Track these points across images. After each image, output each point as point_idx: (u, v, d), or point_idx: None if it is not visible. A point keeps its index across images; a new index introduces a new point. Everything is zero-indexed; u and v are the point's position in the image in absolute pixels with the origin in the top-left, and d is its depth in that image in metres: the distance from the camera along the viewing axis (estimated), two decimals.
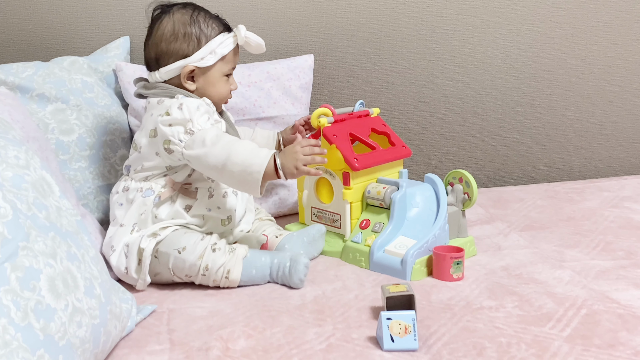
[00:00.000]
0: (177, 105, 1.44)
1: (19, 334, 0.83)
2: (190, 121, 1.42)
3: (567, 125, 2.29)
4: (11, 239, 0.89)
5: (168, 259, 1.40)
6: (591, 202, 1.96)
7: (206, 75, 1.52)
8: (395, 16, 2.09)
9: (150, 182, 1.48)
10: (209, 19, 1.52)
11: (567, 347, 1.12)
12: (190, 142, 1.41)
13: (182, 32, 1.49)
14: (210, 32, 1.51)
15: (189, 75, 1.51)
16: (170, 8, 1.53)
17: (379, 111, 1.75)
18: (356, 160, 1.56)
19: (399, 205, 1.53)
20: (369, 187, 1.59)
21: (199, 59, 1.49)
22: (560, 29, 2.21)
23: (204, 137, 1.40)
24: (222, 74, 1.53)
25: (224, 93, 1.56)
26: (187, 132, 1.42)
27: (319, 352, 1.13)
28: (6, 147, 1.01)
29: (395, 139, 1.70)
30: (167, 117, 1.43)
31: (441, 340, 1.16)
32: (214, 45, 1.50)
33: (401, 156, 1.67)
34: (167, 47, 1.50)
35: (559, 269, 1.46)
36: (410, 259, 1.43)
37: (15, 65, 1.68)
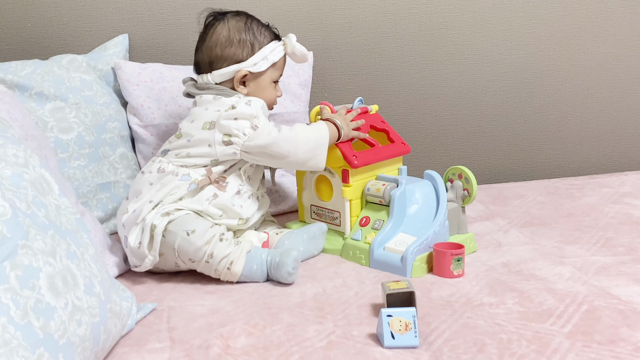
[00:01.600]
0: (245, 101, 1.51)
1: (19, 333, 0.83)
2: (256, 117, 1.50)
3: (567, 122, 2.29)
4: (10, 238, 0.89)
5: (175, 239, 1.41)
6: (591, 198, 1.96)
7: (257, 81, 1.58)
8: (394, 13, 2.09)
9: (188, 168, 1.50)
10: (261, 27, 1.59)
11: (568, 343, 1.12)
12: (255, 136, 1.48)
13: (237, 38, 1.56)
14: (263, 40, 1.58)
15: (242, 79, 1.57)
16: (224, 15, 1.59)
17: (377, 108, 1.75)
18: (355, 157, 1.56)
19: (398, 202, 1.52)
20: (368, 185, 1.59)
21: (252, 64, 1.55)
22: (560, 25, 2.20)
23: (269, 130, 1.49)
24: (272, 80, 1.60)
25: (272, 98, 1.62)
26: (252, 127, 1.49)
27: (319, 349, 1.12)
28: (5, 145, 1.01)
29: (395, 136, 1.70)
30: (233, 111, 1.49)
31: (442, 337, 1.16)
32: (267, 52, 1.57)
33: (400, 153, 1.67)
34: (222, 51, 1.56)
35: (560, 265, 1.46)
36: (410, 256, 1.43)
37: (14, 63, 1.68)
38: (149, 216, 1.44)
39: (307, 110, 1.97)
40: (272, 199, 1.87)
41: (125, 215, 1.48)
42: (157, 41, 1.95)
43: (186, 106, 1.82)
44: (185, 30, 1.96)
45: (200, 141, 1.50)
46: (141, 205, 1.46)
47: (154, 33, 1.95)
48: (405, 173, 1.68)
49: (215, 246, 1.40)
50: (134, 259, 1.46)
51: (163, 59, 1.95)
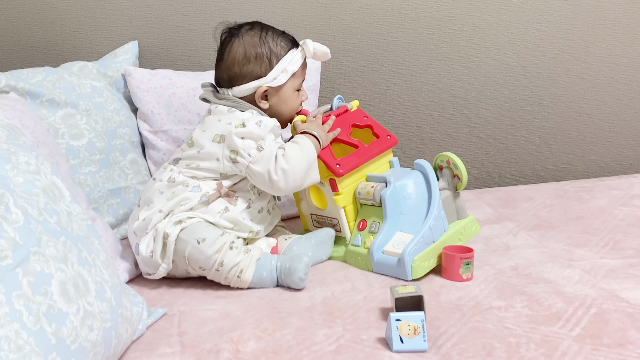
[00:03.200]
0: (256, 120, 1.49)
1: (32, 338, 0.84)
2: (263, 139, 1.48)
3: (576, 124, 2.28)
4: (23, 244, 0.90)
5: (186, 247, 1.41)
6: (600, 200, 1.95)
7: (279, 94, 1.57)
8: (402, 17, 2.09)
9: (199, 180, 1.50)
10: (277, 37, 1.56)
11: (577, 346, 1.12)
12: (259, 158, 1.47)
13: (253, 54, 1.54)
14: (280, 51, 1.55)
15: (263, 94, 1.55)
16: (239, 30, 1.57)
17: (358, 104, 1.71)
18: (339, 166, 1.54)
19: (389, 202, 1.50)
20: (358, 188, 1.57)
21: (272, 79, 1.54)
22: (569, 27, 2.20)
23: (270, 157, 1.47)
24: (294, 89, 1.58)
25: (295, 107, 1.61)
26: (258, 148, 1.48)
27: (328, 353, 1.13)
28: (17, 153, 1.02)
29: (379, 130, 1.66)
30: (243, 130, 1.48)
31: (450, 340, 1.16)
32: (285, 63, 1.54)
33: (386, 147, 1.64)
34: (241, 69, 1.54)
35: (568, 268, 1.46)
36: (407, 258, 1.41)
37: (25, 71, 1.69)
38: (160, 225, 1.45)
39: None
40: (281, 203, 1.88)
41: (136, 223, 1.49)
42: (166, 48, 1.96)
43: (195, 112, 1.83)
44: (195, 36, 1.97)
45: (210, 154, 1.50)
46: (151, 214, 1.47)
47: (163, 39, 1.96)
48: (398, 165, 1.65)
49: (225, 255, 1.40)
50: (146, 268, 1.47)
51: (173, 66, 1.96)
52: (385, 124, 2.12)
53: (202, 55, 1.98)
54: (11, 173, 0.97)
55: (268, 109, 1.56)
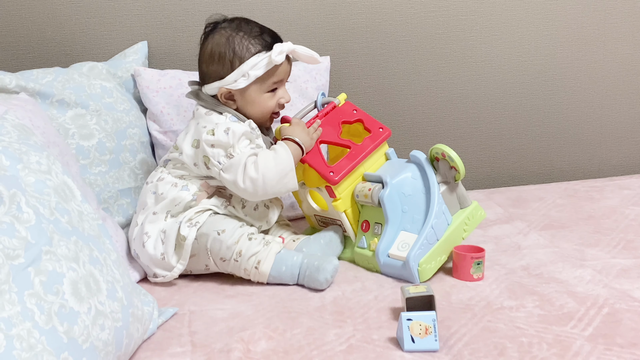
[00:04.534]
0: (224, 128, 1.47)
1: (44, 337, 0.84)
2: (232, 147, 1.47)
3: (586, 123, 2.27)
4: (34, 244, 0.90)
5: (207, 239, 1.44)
6: (611, 200, 1.94)
7: (243, 96, 1.53)
8: (411, 16, 2.09)
9: (186, 180, 1.52)
10: (248, 38, 1.51)
11: (589, 346, 1.12)
12: (228, 166, 1.46)
13: (217, 54, 1.51)
14: (245, 54, 1.50)
15: (227, 95, 1.53)
16: (216, 26, 1.55)
17: (345, 97, 1.67)
18: (332, 173, 1.51)
19: (389, 203, 1.48)
20: (356, 190, 1.54)
21: (232, 81, 1.51)
22: (579, 26, 2.19)
23: (239, 164, 1.45)
24: (261, 92, 1.54)
25: (265, 109, 1.56)
26: (227, 155, 1.47)
27: (339, 353, 1.13)
28: (28, 152, 1.03)
29: (371, 124, 1.62)
30: (212, 138, 1.47)
31: (462, 340, 1.16)
32: (246, 67, 1.49)
33: (379, 142, 1.59)
34: (207, 68, 1.54)
35: (580, 268, 1.45)
36: (412, 263, 1.40)
37: (35, 71, 1.70)
38: (167, 226, 1.46)
39: None
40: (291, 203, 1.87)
41: (136, 229, 1.51)
42: (176, 48, 1.97)
43: None
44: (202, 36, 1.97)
45: (189, 158, 1.51)
46: (146, 217, 1.49)
47: (172, 40, 1.97)
48: (394, 156, 1.61)
49: (243, 244, 1.42)
50: (155, 269, 1.47)
51: (182, 66, 1.96)
52: (395, 123, 2.13)
53: None
54: (22, 173, 0.98)
55: (237, 109, 1.54)
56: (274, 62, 1.48)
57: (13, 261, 0.86)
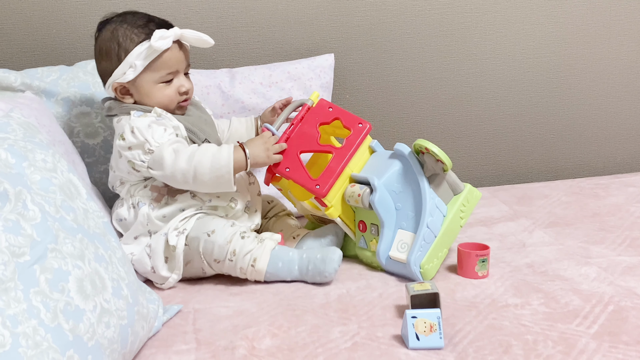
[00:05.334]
0: (129, 129, 1.43)
1: (49, 335, 0.85)
2: (145, 142, 1.42)
3: (592, 120, 2.27)
4: (40, 241, 0.91)
5: (198, 243, 1.42)
6: (616, 197, 1.94)
7: (137, 88, 1.48)
8: (415, 14, 2.08)
9: (136, 196, 1.48)
10: (131, 28, 1.46)
11: (595, 344, 1.11)
12: (152, 162, 1.43)
13: (104, 50, 1.48)
14: (129, 45, 1.45)
15: (123, 90, 1.49)
16: (104, 24, 1.50)
17: (318, 95, 1.60)
18: (318, 186, 1.47)
19: (380, 207, 1.45)
20: (346, 195, 1.49)
21: (121, 74, 1.46)
22: (584, 23, 2.19)
23: (162, 155, 1.41)
24: (155, 82, 1.48)
25: (165, 99, 1.49)
26: (146, 152, 1.43)
27: (344, 350, 1.13)
28: (34, 150, 1.03)
29: (349, 120, 1.54)
30: (124, 142, 1.43)
31: (467, 338, 1.16)
32: (132, 58, 1.45)
33: (362, 139, 1.52)
34: (99, 67, 1.51)
35: (585, 266, 1.45)
36: (414, 267, 1.40)
37: (40, 69, 1.70)
38: (151, 242, 1.44)
39: None
40: None
41: None
42: None
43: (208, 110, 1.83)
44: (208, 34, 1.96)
45: (120, 170, 1.48)
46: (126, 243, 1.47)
47: None
48: (379, 148, 1.55)
49: (237, 243, 1.41)
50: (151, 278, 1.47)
51: None
52: (398, 122, 2.13)
53: (214, 53, 1.98)
54: (28, 170, 0.98)
55: (136, 103, 1.50)
56: (154, 48, 1.43)
57: (19, 259, 0.87)
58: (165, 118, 1.47)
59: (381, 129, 2.11)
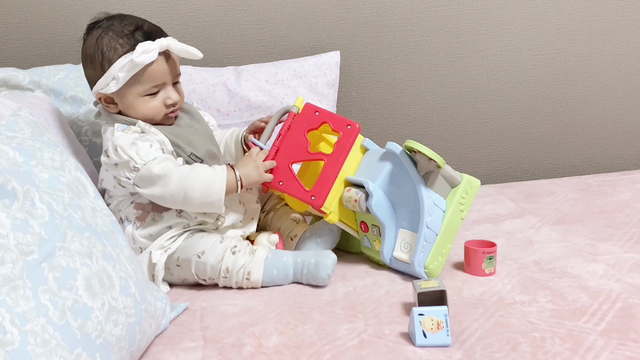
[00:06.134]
0: (112, 147, 1.37)
1: (57, 333, 0.85)
2: (130, 160, 1.36)
3: (598, 117, 2.26)
4: (48, 240, 0.91)
5: (190, 265, 1.40)
6: (624, 194, 1.93)
7: (122, 99, 1.43)
8: (421, 11, 2.08)
9: (123, 211, 1.45)
10: (116, 38, 1.39)
11: (602, 341, 1.11)
12: (139, 180, 1.38)
13: (89, 57, 1.42)
14: (112, 55, 1.39)
15: (107, 99, 1.44)
16: (95, 26, 1.44)
17: (302, 100, 1.56)
18: (314, 197, 1.45)
19: (378, 211, 1.43)
20: (343, 200, 1.46)
21: (105, 85, 1.40)
22: (590, 20, 2.18)
23: (150, 174, 1.36)
24: (139, 94, 1.41)
25: (150, 112, 1.43)
26: (131, 169, 1.37)
27: (351, 348, 1.13)
28: (41, 149, 1.03)
29: (337, 123, 1.51)
30: (107, 160, 1.39)
31: (474, 335, 1.16)
32: (114, 70, 1.38)
33: (351, 142, 1.48)
34: (85, 72, 1.45)
35: (593, 263, 1.45)
36: (418, 268, 1.39)
37: (47, 68, 1.71)
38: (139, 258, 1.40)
39: (334, 110, 1.98)
40: None
41: None
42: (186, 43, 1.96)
43: (215, 108, 1.83)
44: (214, 32, 1.98)
45: (107, 183, 1.44)
46: None
47: (182, 35, 1.97)
48: (372, 145, 1.52)
49: (228, 260, 1.38)
50: None
51: (192, 61, 1.96)
52: (405, 118, 2.13)
53: (221, 51, 1.98)
54: (36, 169, 0.98)
55: (120, 113, 1.45)
56: (136, 62, 1.36)
57: (27, 257, 0.87)
58: (149, 133, 1.41)
59: (387, 126, 2.11)
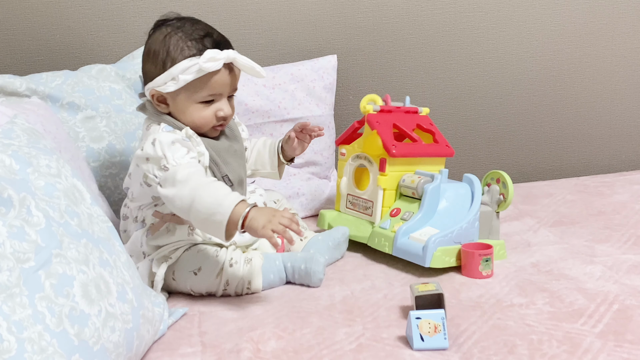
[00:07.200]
0: (151, 140, 1.35)
1: (55, 340, 0.85)
2: (163, 158, 1.33)
3: (596, 118, 2.26)
4: (45, 247, 0.91)
5: (186, 281, 1.40)
6: (622, 195, 1.93)
7: (175, 101, 1.41)
8: (418, 14, 2.08)
9: (142, 211, 1.44)
10: (185, 40, 1.38)
11: (600, 343, 1.11)
12: (164, 180, 1.33)
13: (152, 52, 1.40)
14: (177, 56, 1.37)
15: (160, 98, 1.42)
16: (164, 23, 1.43)
17: (428, 111, 1.76)
18: (394, 147, 1.57)
19: (430, 196, 1.52)
20: (404, 176, 1.60)
21: (162, 83, 1.38)
22: (587, 21, 2.18)
23: (174, 176, 1.31)
24: (194, 101, 1.40)
25: (200, 121, 1.41)
26: (161, 168, 1.34)
27: (349, 352, 1.13)
28: (38, 156, 1.03)
29: (440, 138, 1.70)
30: (142, 153, 1.36)
31: (472, 338, 1.16)
32: (176, 71, 1.36)
33: (442, 154, 1.67)
34: (144, 67, 1.44)
35: (590, 264, 1.45)
36: (432, 245, 1.42)
37: (45, 74, 1.71)
38: (140, 265, 1.41)
39: (332, 114, 1.98)
40: (299, 202, 1.88)
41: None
42: None
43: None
44: None
45: (135, 178, 1.42)
46: None
47: None
48: (446, 176, 1.61)
49: (227, 274, 1.38)
50: None
51: None
52: None
53: None
54: (32, 176, 0.98)
55: (169, 114, 1.43)
56: (202, 68, 1.35)
57: (23, 264, 0.87)
58: (193, 141, 1.39)
59: None
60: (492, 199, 1.58)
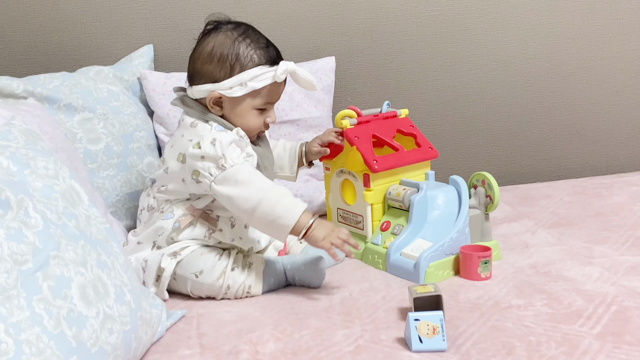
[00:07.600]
0: (210, 139, 1.37)
1: (52, 342, 0.85)
2: (222, 157, 1.36)
3: (594, 120, 2.27)
4: (42, 249, 0.91)
5: (186, 282, 1.40)
6: (619, 197, 1.93)
7: (234, 105, 1.44)
8: (416, 16, 2.09)
9: (172, 204, 1.44)
10: (254, 47, 1.42)
11: (598, 344, 1.11)
12: (222, 178, 1.36)
13: (218, 55, 1.42)
14: (248, 62, 1.41)
15: (216, 100, 1.44)
16: (222, 26, 1.46)
17: (407, 112, 1.74)
18: (376, 162, 1.55)
19: (417, 207, 1.50)
20: (390, 189, 1.58)
21: (228, 87, 1.41)
22: (585, 23, 2.19)
23: (236, 176, 1.35)
24: (253, 107, 1.44)
25: (252, 126, 1.46)
26: (219, 167, 1.36)
27: (347, 354, 1.13)
28: (35, 158, 1.03)
29: (422, 141, 1.68)
30: (198, 151, 1.37)
31: (470, 340, 1.16)
32: (246, 77, 1.40)
33: (426, 158, 1.65)
34: (202, 67, 1.43)
35: (588, 266, 1.45)
36: (423, 262, 1.41)
37: (42, 76, 1.71)
38: (150, 257, 1.42)
39: (330, 115, 1.98)
40: None
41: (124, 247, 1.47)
42: (181, 51, 1.97)
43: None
44: None
45: (175, 174, 1.43)
46: (134, 245, 1.45)
47: (178, 43, 1.97)
48: (433, 178, 1.64)
49: (229, 278, 1.39)
50: None
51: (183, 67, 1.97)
52: None
53: None
54: (30, 178, 0.98)
55: (221, 117, 1.45)
56: (276, 78, 1.42)
57: (21, 266, 0.87)
58: (243, 142, 1.43)
59: None
60: (480, 201, 1.56)
